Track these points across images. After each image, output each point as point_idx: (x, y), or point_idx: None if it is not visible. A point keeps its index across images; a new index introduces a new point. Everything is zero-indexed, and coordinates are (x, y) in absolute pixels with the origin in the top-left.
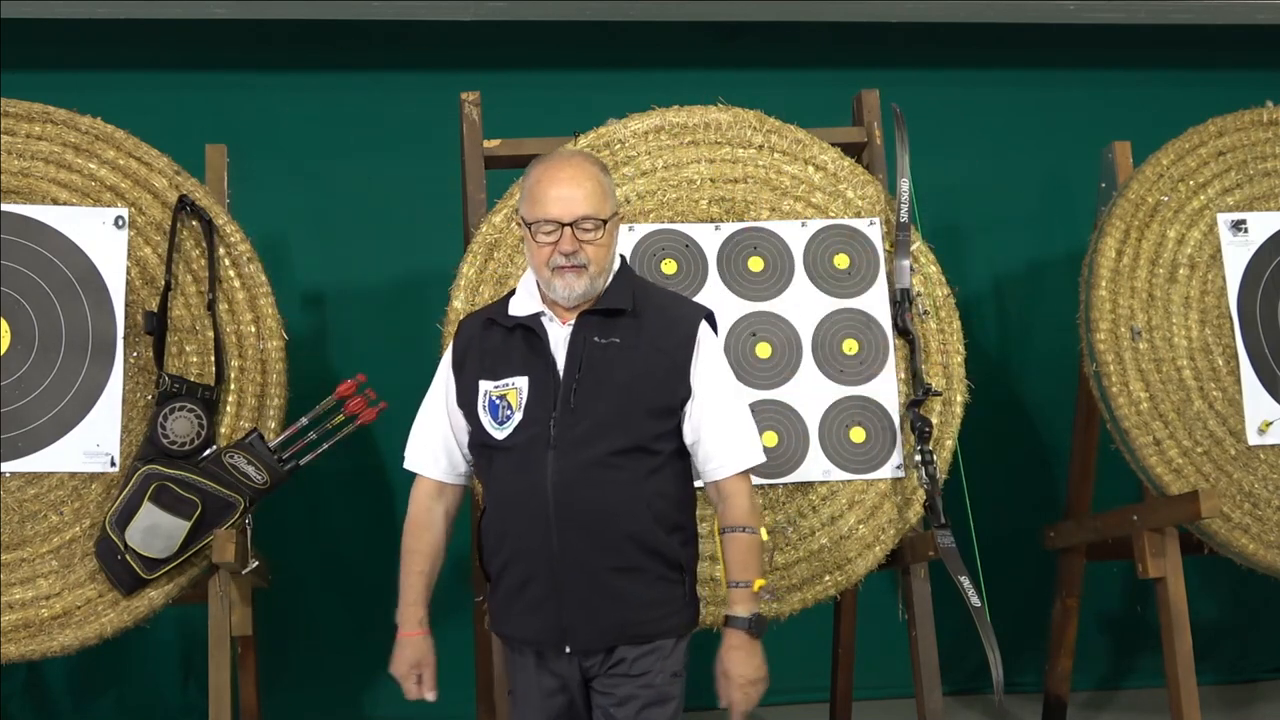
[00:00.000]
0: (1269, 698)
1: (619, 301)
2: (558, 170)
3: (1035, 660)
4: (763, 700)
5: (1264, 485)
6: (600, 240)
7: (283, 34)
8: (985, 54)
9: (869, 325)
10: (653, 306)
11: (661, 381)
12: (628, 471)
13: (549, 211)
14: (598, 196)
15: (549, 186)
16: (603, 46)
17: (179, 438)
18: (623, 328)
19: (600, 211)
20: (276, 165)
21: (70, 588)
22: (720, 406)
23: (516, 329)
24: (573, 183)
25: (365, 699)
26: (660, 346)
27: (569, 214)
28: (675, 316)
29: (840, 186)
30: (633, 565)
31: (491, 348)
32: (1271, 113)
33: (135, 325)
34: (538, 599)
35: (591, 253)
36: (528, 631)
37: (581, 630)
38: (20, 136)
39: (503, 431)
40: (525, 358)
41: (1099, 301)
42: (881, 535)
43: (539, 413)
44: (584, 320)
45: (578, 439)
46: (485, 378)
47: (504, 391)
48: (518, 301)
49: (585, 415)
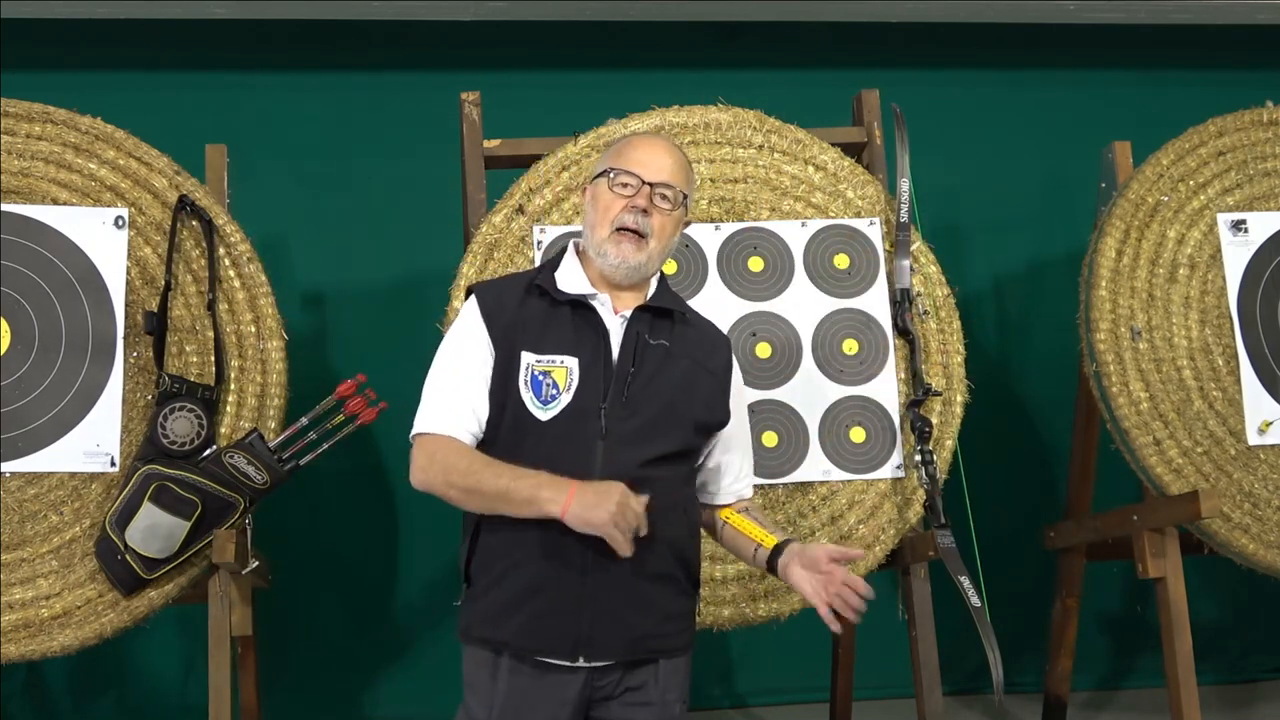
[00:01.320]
0: (1269, 698)
1: (671, 303)
2: (655, 139)
3: (1035, 660)
4: (763, 700)
5: (1264, 485)
6: (672, 214)
7: (283, 34)
8: (985, 54)
9: (869, 325)
10: (693, 320)
11: (707, 399)
12: (670, 479)
13: (633, 165)
14: (683, 173)
15: (642, 145)
16: (603, 46)
17: (179, 438)
18: (669, 333)
19: (683, 185)
20: (276, 165)
21: (70, 588)
22: (744, 435)
23: (566, 305)
24: (666, 152)
25: (365, 699)
26: (706, 365)
27: (654, 174)
28: (713, 338)
29: (840, 186)
30: (666, 573)
31: (534, 318)
32: (1271, 113)
33: (135, 325)
34: (556, 603)
35: (658, 224)
36: (536, 641)
37: (605, 641)
38: (20, 136)
39: (547, 412)
40: (577, 338)
41: (1099, 301)
42: (881, 535)
43: (590, 399)
44: (639, 315)
45: (630, 434)
46: (527, 349)
47: (550, 368)
48: (566, 276)
49: (637, 412)
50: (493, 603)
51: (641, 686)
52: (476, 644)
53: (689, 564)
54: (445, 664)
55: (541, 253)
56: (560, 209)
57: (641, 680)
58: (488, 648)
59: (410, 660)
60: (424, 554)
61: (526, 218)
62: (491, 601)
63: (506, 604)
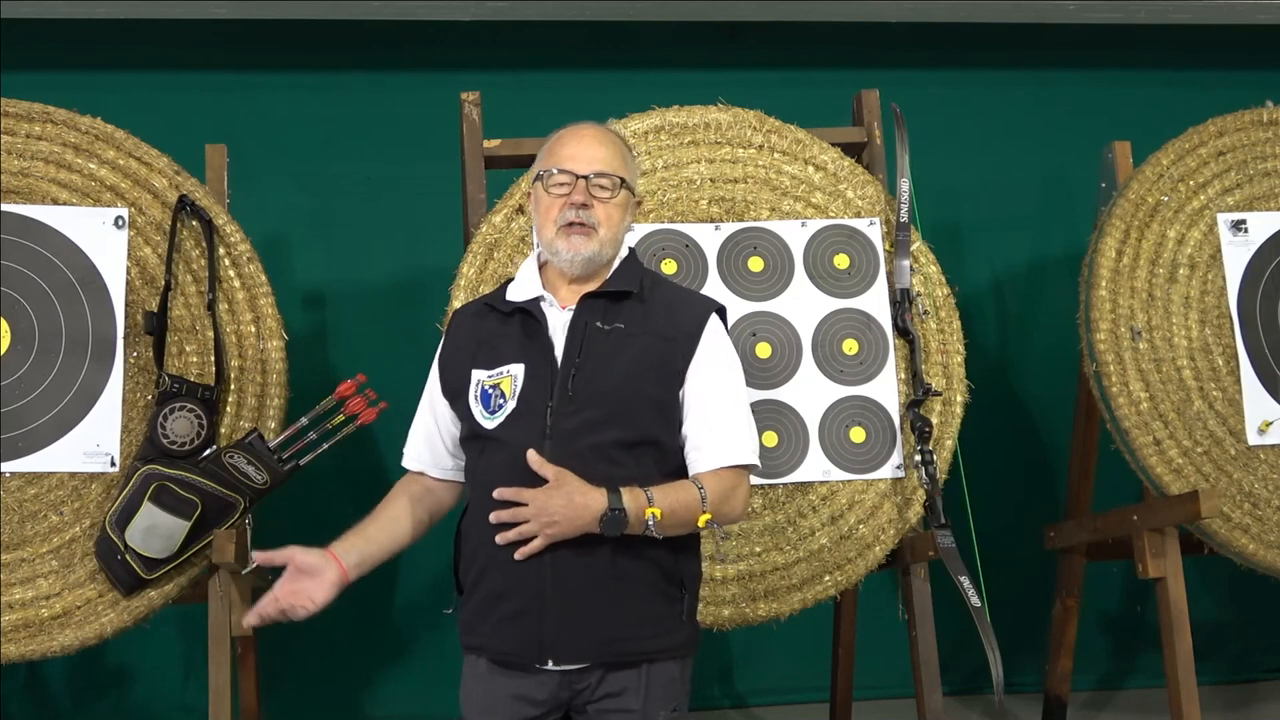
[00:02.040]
0: (1269, 698)
1: (625, 284)
2: (581, 129)
3: (1035, 660)
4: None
5: (1264, 485)
6: (614, 200)
7: (283, 34)
8: (985, 54)
9: (869, 325)
10: (662, 295)
11: (662, 373)
12: (631, 468)
13: (563, 162)
14: (619, 160)
15: (570, 140)
16: (603, 46)
17: (179, 438)
18: (628, 313)
19: (618, 170)
20: (276, 165)
21: (70, 588)
22: (720, 401)
23: (514, 314)
24: (595, 141)
25: (365, 699)
26: (665, 335)
27: (586, 167)
28: (684, 306)
29: (840, 186)
30: (628, 573)
31: (487, 336)
32: (1271, 113)
33: (135, 325)
34: (520, 608)
35: (602, 213)
36: (504, 644)
37: (570, 643)
38: (20, 136)
39: (494, 421)
40: (522, 344)
41: (1099, 301)
42: (881, 535)
43: (535, 402)
44: (586, 304)
45: (578, 428)
46: (479, 366)
47: (498, 380)
48: (517, 287)
49: (585, 405)
50: (472, 608)
51: (621, 693)
52: (465, 649)
53: (659, 563)
54: (445, 664)
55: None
56: None
57: (622, 686)
58: (471, 651)
59: (410, 660)
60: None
61: (526, 218)
62: (471, 607)
63: (480, 609)
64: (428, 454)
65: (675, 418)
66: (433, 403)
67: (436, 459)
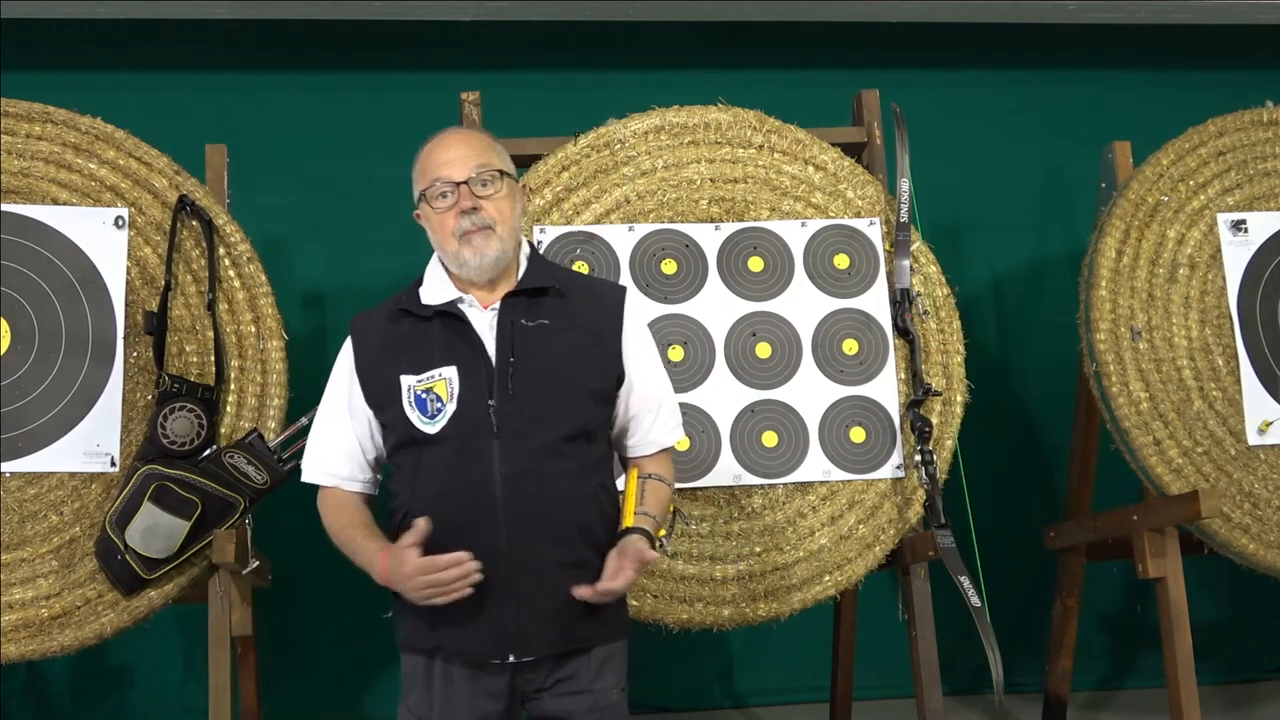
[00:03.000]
0: (1269, 698)
1: (542, 280)
2: (444, 137)
3: (1035, 660)
4: (763, 700)
5: (1264, 485)
6: (501, 194)
7: (283, 34)
8: (985, 54)
9: (869, 325)
10: (575, 287)
11: (597, 363)
12: (576, 461)
13: (439, 173)
14: (490, 152)
15: (435, 150)
16: (603, 46)
17: (179, 438)
18: (549, 309)
19: (494, 162)
20: (276, 165)
21: (70, 588)
22: (654, 383)
23: (434, 318)
24: (461, 144)
25: (365, 699)
26: (590, 328)
27: (461, 171)
28: (598, 296)
29: (840, 186)
30: (581, 561)
31: (406, 341)
32: (1271, 113)
33: (135, 325)
34: (478, 605)
35: (493, 209)
36: (465, 643)
37: (529, 636)
38: (20, 136)
39: (435, 425)
40: (450, 346)
41: (1099, 301)
42: (881, 535)
43: (475, 402)
44: (509, 303)
45: (524, 425)
46: (405, 372)
47: (431, 384)
48: (429, 289)
49: (528, 400)
50: (422, 611)
51: (573, 676)
52: (411, 651)
53: (602, 548)
54: None
55: (542, 253)
56: (560, 209)
57: (572, 670)
58: (422, 654)
59: None
60: None
61: (526, 218)
62: (419, 610)
63: (434, 611)
64: (346, 468)
65: (610, 405)
66: (352, 414)
67: (355, 472)
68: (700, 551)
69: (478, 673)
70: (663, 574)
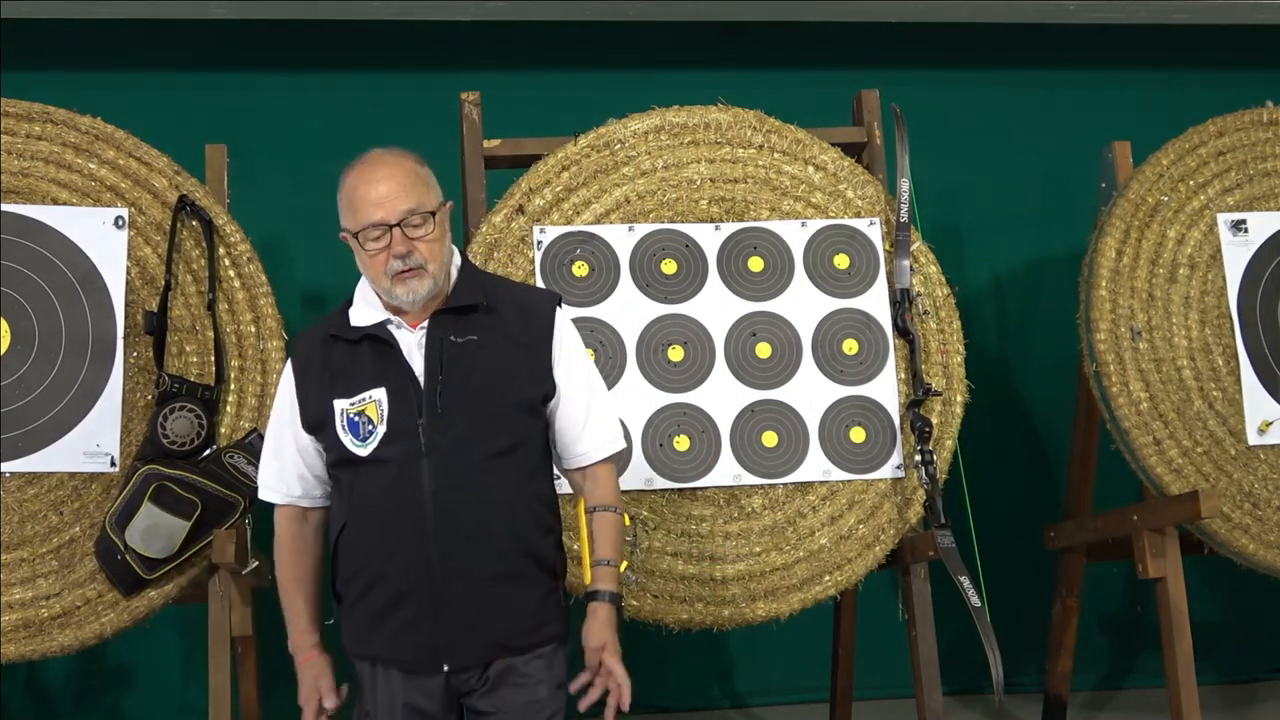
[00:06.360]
0: (1269, 698)
1: (470, 297)
2: (371, 171)
3: (1035, 660)
4: (762, 700)
5: (1264, 485)
6: (432, 235)
7: (283, 34)
8: (985, 54)
9: (869, 325)
10: (505, 299)
11: (527, 375)
12: (507, 474)
13: (372, 216)
14: (420, 189)
15: (366, 189)
16: (603, 46)
17: (179, 438)
18: (479, 324)
19: (425, 203)
20: (276, 165)
21: (70, 588)
22: (587, 392)
23: (363, 341)
24: (390, 180)
25: None
26: (520, 340)
27: (393, 213)
28: (529, 307)
29: (840, 186)
30: (515, 571)
31: (338, 364)
32: (1271, 113)
33: (135, 325)
34: (411, 617)
35: (426, 250)
36: (401, 652)
37: (462, 646)
38: (20, 136)
39: (366, 447)
40: (378, 369)
41: (1099, 301)
42: (881, 535)
43: (405, 422)
44: (438, 320)
45: (453, 444)
46: (338, 396)
47: (362, 407)
48: (358, 312)
49: (456, 418)
50: (361, 617)
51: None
52: (355, 658)
53: (540, 556)
54: None
55: (542, 253)
56: (560, 209)
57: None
58: (364, 660)
59: None
60: None
61: (526, 218)
62: (360, 616)
63: (372, 618)
64: (299, 487)
65: (542, 416)
66: (295, 436)
67: (308, 490)
68: (700, 551)
69: (413, 679)
70: (663, 574)
